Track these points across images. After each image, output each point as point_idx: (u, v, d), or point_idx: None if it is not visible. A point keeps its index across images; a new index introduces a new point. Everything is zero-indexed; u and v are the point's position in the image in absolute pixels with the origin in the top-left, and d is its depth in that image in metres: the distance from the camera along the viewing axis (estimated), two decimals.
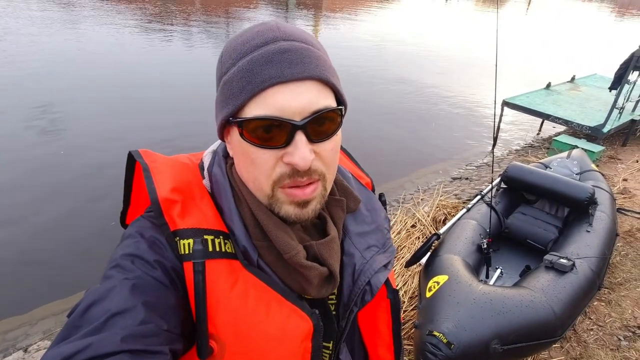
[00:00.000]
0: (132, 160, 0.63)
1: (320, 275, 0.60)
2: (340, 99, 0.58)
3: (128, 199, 0.68)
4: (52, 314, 2.90)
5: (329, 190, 0.61)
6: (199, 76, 7.91)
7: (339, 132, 0.59)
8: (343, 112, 0.58)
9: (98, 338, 0.45)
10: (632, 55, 5.39)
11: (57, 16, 11.40)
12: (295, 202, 0.57)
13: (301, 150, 0.52)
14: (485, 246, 2.52)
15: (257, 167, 0.55)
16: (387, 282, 0.73)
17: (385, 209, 0.78)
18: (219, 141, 0.68)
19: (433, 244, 2.64)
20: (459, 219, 2.95)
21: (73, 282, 3.14)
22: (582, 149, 4.54)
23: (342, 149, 0.82)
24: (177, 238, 0.56)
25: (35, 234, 3.61)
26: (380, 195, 0.80)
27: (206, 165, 0.65)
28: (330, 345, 0.68)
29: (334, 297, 0.69)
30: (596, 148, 5.25)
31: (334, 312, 0.68)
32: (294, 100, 0.52)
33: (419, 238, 3.45)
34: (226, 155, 0.66)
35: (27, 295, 3.03)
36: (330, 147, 0.57)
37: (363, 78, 8.85)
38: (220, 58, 0.58)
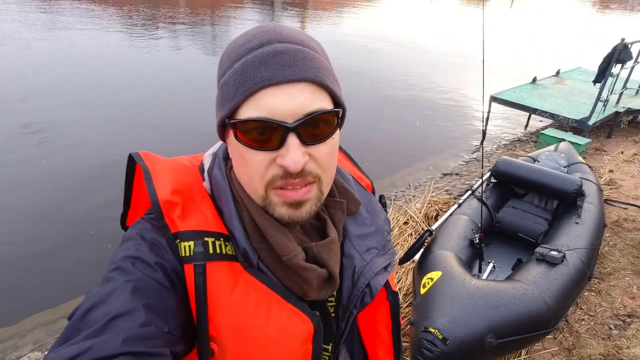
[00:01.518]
0: (132, 163, 0.62)
1: (319, 277, 0.59)
2: (337, 102, 0.58)
3: (128, 201, 0.67)
4: (41, 324, 2.84)
5: (325, 193, 0.60)
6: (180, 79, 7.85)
7: (336, 135, 0.58)
8: (340, 115, 0.57)
9: (99, 340, 0.45)
10: (615, 49, 5.47)
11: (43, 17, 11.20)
12: (287, 203, 0.56)
13: (292, 153, 0.52)
14: (477, 241, 2.54)
15: (251, 169, 0.55)
16: (387, 285, 0.73)
17: (386, 210, 0.78)
18: (220, 143, 0.67)
19: (426, 241, 2.65)
20: (450, 215, 2.97)
21: (63, 291, 3.08)
22: (569, 141, 4.60)
23: (342, 150, 0.81)
24: (178, 240, 0.55)
25: (21, 242, 3.54)
26: (381, 197, 0.80)
27: (206, 167, 0.65)
28: (330, 347, 0.68)
29: (333, 299, 0.68)
30: (582, 140, 5.33)
31: (333, 314, 0.68)
32: (286, 102, 0.51)
33: (411, 235, 3.47)
34: (226, 158, 0.66)
35: (16, 306, 2.97)
36: (326, 150, 0.56)
37: (349, 75, 8.84)
38: (220, 60, 0.58)
